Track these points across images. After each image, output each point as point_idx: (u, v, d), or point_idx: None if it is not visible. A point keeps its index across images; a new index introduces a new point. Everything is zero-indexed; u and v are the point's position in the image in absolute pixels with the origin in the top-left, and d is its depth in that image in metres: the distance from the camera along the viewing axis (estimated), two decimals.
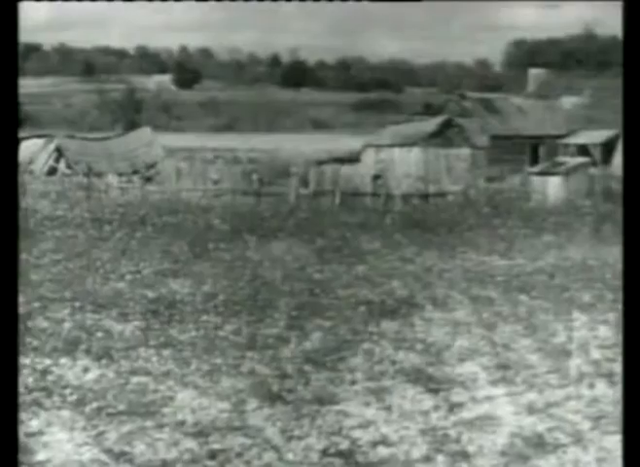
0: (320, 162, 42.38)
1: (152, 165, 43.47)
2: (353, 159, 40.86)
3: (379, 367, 12.12)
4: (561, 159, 37.81)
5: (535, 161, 46.70)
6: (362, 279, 18.57)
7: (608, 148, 47.71)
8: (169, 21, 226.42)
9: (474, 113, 46.62)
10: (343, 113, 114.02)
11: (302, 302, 16.16)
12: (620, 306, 16.24)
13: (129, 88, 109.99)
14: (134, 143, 44.24)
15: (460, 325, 14.61)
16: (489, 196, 32.63)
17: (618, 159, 47.86)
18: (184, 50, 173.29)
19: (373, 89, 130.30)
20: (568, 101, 51.70)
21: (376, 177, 34.89)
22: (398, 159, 39.20)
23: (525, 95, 59.15)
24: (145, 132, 46.12)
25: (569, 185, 33.46)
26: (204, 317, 14.77)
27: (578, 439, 9.73)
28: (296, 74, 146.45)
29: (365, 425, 9.89)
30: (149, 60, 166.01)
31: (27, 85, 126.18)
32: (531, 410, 10.58)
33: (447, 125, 41.00)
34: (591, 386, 11.49)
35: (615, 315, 15.51)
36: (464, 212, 29.26)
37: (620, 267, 20.25)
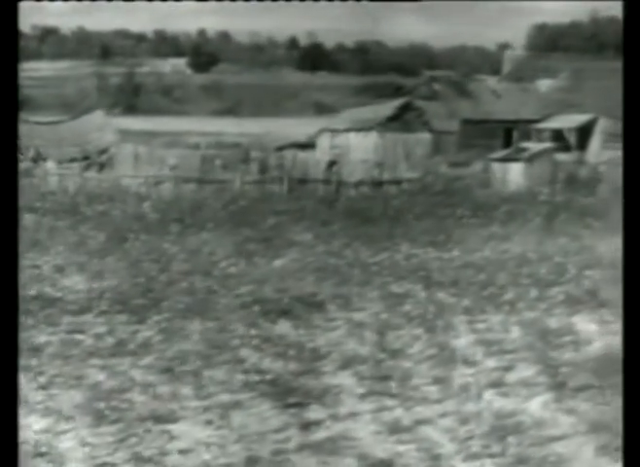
0: (280, 148, 41.21)
1: (104, 151, 42.23)
2: (310, 144, 39.67)
3: (243, 377, 11.03)
4: (524, 144, 36.64)
5: (508, 146, 45.51)
6: (275, 274, 17.48)
7: (583, 133, 46.59)
8: (194, 6, 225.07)
9: (444, 96, 45.39)
10: (348, 97, 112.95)
11: (196, 300, 15.07)
12: (542, 305, 15.25)
13: (129, 71, 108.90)
14: (86, 127, 42.96)
15: (356, 327, 13.52)
16: (447, 183, 31.49)
17: (594, 144, 46.81)
18: (202, 33, 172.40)
19: (390, 73, 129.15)
20: (544, 84, 50.48)
21: (332, 163, 33.70)
22: (354, 144, 37.96)
23: (501, 78, 57.92)
24: (98, 116, 44.86)
25: (532, 172, 32.33)
26: (74, 319, 13.67)
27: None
28: (312, 57, 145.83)
29: (188, 450, 8.79)
30: (167, 44, 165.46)
31: (40, 68, 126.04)
32: (395, 429, 9.49)
33: (406, 108, 39.65)
34: (474, 400, 10.41)
35: (533, 315, 14.49)
36: (414, 200, 28.15)
37: (559, 260, 19.33)
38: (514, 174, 32.49)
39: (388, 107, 39.89)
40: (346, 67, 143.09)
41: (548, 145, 36.07)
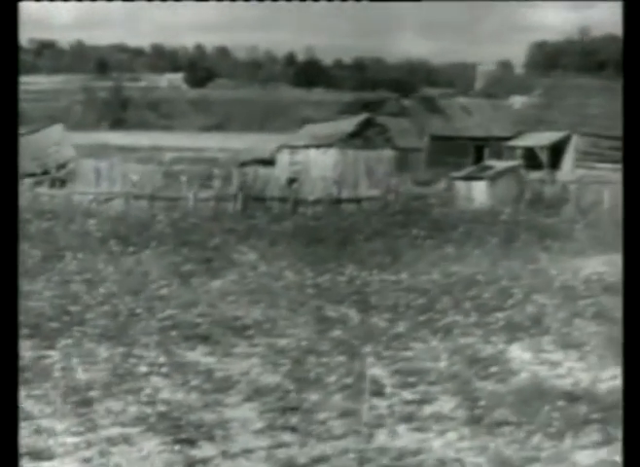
0: (243, 164, 40.72)
1: (62, 166, 41.67)
2: (273, 160, 39.11)
3: (137, 409, 10.45)
4: (489, 162, 36.20)
5: (479, 164, 45.14)
6: (207, 297, 16.93)
7: (556, 151, 46.26)
8: (195, 21, 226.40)
9: (413, 112, 44.97)
10: (338, 113, 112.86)
11: (114, 324, 14.50)
12: (479, 332, 14.74)
13: (117, 85, 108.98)
14: (45, 141, 42.38)
15: (275, 354, 12.97)
16: (407, 202, 31.03)
17: (566, 162, 46.51)
18: (199, 48, 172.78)
19: (385, 90, 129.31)
20: (518, 100, 50.15)
21: (291, 180, 33.19)
22: (314, 161, 37.40)
23: (473, 94, 57.57)
24: (56, 130, 44.27)
25: (496, 191, 31.89)
26: None
27: None
28: (309, 73, 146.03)
29: None
30: (164, 59, 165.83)
31: (35, 82, 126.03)
32: None
33: (368, 124, 39.12)
34: (380, 436, 9.88)
35: (466, 342, 13.98)
36: (370, 219, 27.64)
37: (508, 283, 18.83)
38: (477, 193, 32.05)
39: (349, 123, 39.34)
40: (343, 83, 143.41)
41: (513, 163, 35.64)
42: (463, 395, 11.22)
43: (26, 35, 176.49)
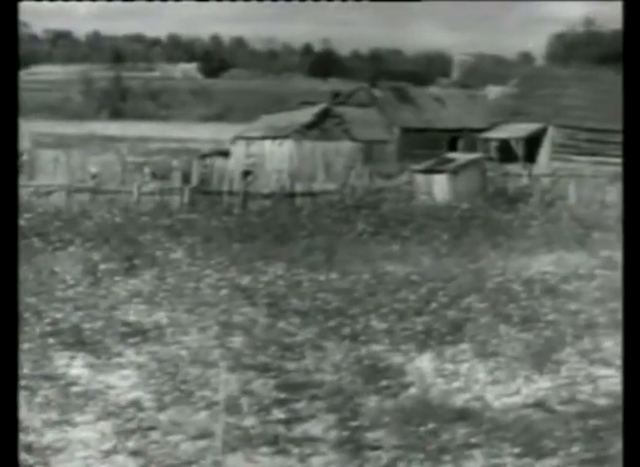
0: (204, 155, 39.83)
1: None
2: (226, 152, 38.19)
3: None
4: (451, 155, 35.31)
5: None
6: (111, 299, 16.12)
7: (532, 143, 45.43)
8: (213, 12, 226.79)
9: (383, 102, 44.06)
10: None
11: None
12: (388, 339, 13.92)
13: (116, 75, 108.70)
14: None
15: (155, 366, 12.14)
16: (363, 196, 30.19)
17: (542, 155, 45.69)
18: (215, 39, 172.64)
19: (401, 81, 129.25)
20: (493, 91, 49.27)
21: (246, 173, 32.33)
22: (269, 152, 36.47)
23: (449, 84, 56.65)
24: None
25: (457, 184, 31.05)
26: None
27: None
28: (324, 64, 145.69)
29: None
30: (180, 49, 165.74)
31: (48, 71, 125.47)
32: None
33: (325, 115, 38.11)
34: (220, 464, 9.05)
35: (371, 350, 13.18)
36: (319, 214, 26.81)
37: (440, 284, 18.00)
38: (438, 187, 31.20)
39: (306, 114, 38.35)
40: (359, 74, 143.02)
41: (476, 156, 34.78)
42: (342, 413, 10.40)
43: (46, 25, 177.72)
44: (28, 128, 46.12)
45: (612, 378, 12.00)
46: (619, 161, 42.75)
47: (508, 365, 12.67)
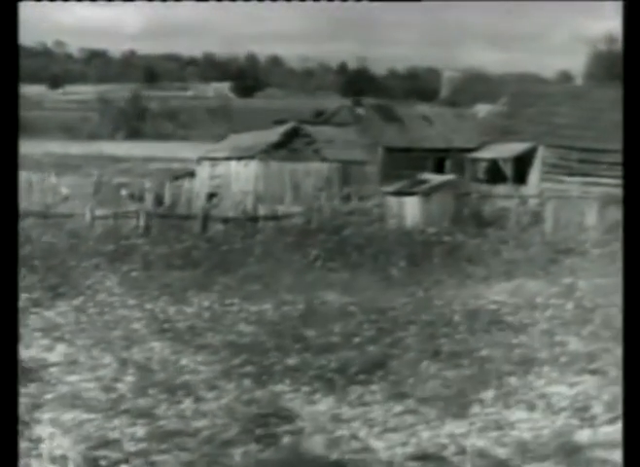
0: (176, 177, 39.05)
1: None
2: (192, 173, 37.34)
3: None
4: (425, 176, 34.39)
5: None
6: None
7: (522, 163, 44.42)
8: (255, 31, 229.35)
9: (366, 121, 43.14)
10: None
11: None
12: (288, 380, 13.01)
13: (135, 95, 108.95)
14: None
15: None
16: (330, 219, 29.33)
17: (533, 177, 44.74)
18: (251, 58, 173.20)
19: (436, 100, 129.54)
20: (483, 109, 48.34)
21: (211, 195, 31.46)
22: (235, 174, 35.47)
23: (437, 102, 55.78)
24: None
25: (429, 207, 30.14)
26: None
27: None
28: (359, 83, 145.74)
29: None
30: (215, 68, 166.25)
31: (81, 91, 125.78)
32: None
33: (294, 134, 37.07)
34: None
35: (266, 392, 12.26)
36: (275, 240, 25.94)
37: (371, 317, 17.09)
38: (409, 209, 30.30)
39: (274, 133, 37.32)
40: (393, 93, 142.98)
41: (449, 177, 33.86)
42: (209, 465, 9.52)
43: (85, 44, 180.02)
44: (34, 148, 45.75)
45: (524, 423, 11.11)
46: (610, 181, 42.10)
47: (416, 409, 11.74)
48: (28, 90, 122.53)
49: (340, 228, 27.85)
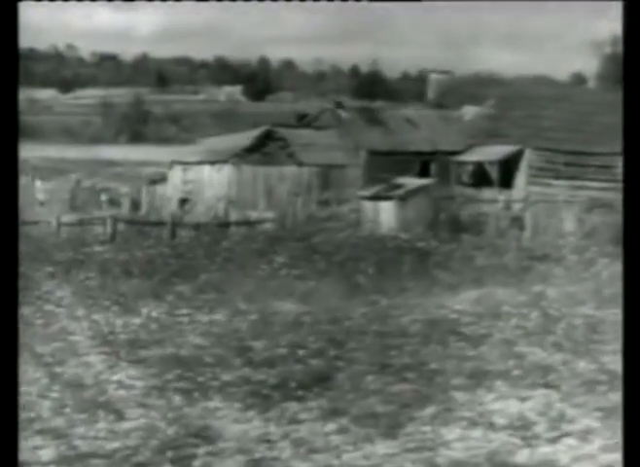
0: (153, 182, 38.58)
1: None
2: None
3: None
4: (401, 180, 33.90)
5: None
6: None
7: (508, 167, 43.94)
8: (267, 34, 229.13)
9: (349, 124, 42.64)
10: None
11: None
12: (218, 397, 12.54)
13: (137, 98, 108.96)
14: None
15: None
16: (304, 225, 28.87)
17: (520, 180, 44.27)
18: (263, 61, 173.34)
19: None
20: (470, 111, 47.87)
21: (184, 201, 30.99)
22: (207, 178, 34.95)
23: (424, 104, 55.33)
24: None
25: (405, 212, 29.66)
26: None
27: None
28: (371, 85, 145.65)
29: None
30: (227, 71, 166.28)
31: (92, 95, 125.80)
32: None
33: (268, 138, 36.49)
34: None
35: (195, 409, 11.78)
36: (242, 246, 25.48)
37: (323, 327, 16.64)
38: (385, 214, 29.84)
39: (246, 136, 36.77)
40: (406, 96, 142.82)
41: (426, 181, 33.39)
42: None
43: (97, 47, 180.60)
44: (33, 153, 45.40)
45: (460, 443, 10.61)
46: (597, 185, 41.66)
47: (349, 427, 11.25)
48: (39, 94, 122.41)
49: (311, 234, 27.37)
